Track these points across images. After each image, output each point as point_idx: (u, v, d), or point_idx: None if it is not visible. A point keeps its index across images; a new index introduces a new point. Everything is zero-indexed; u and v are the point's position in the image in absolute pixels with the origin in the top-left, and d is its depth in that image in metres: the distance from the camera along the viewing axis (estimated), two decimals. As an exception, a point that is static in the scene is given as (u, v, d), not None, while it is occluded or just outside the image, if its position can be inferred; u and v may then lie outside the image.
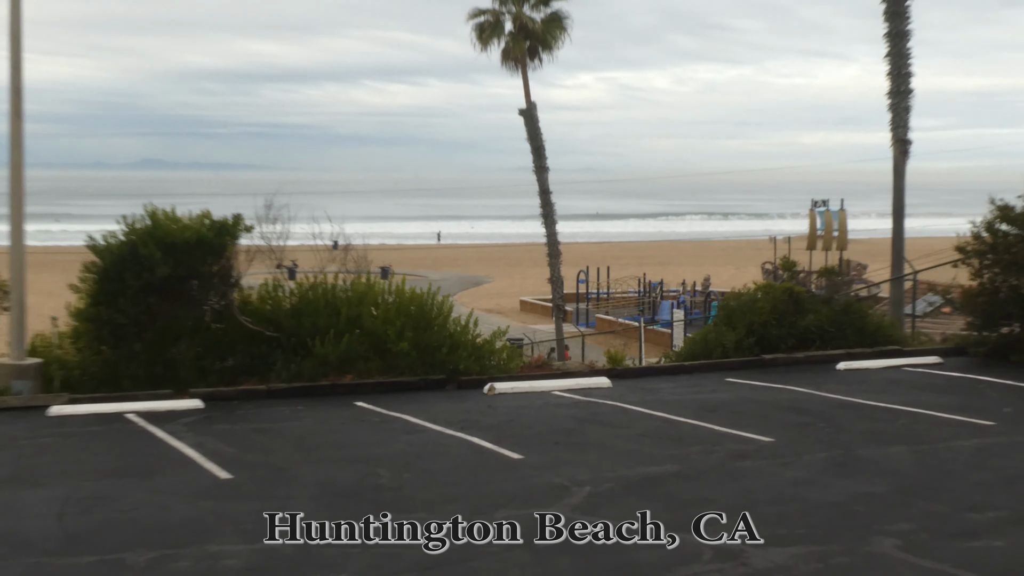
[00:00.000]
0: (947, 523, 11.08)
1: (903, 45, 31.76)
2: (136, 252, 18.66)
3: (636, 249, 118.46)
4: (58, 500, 12.15)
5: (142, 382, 18.68)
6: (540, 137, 46.32)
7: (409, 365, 19.79)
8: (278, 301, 20.27)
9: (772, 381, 19.99)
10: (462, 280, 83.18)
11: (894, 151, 32.21)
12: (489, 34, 45.89)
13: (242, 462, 13.98)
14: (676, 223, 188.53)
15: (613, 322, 60.19)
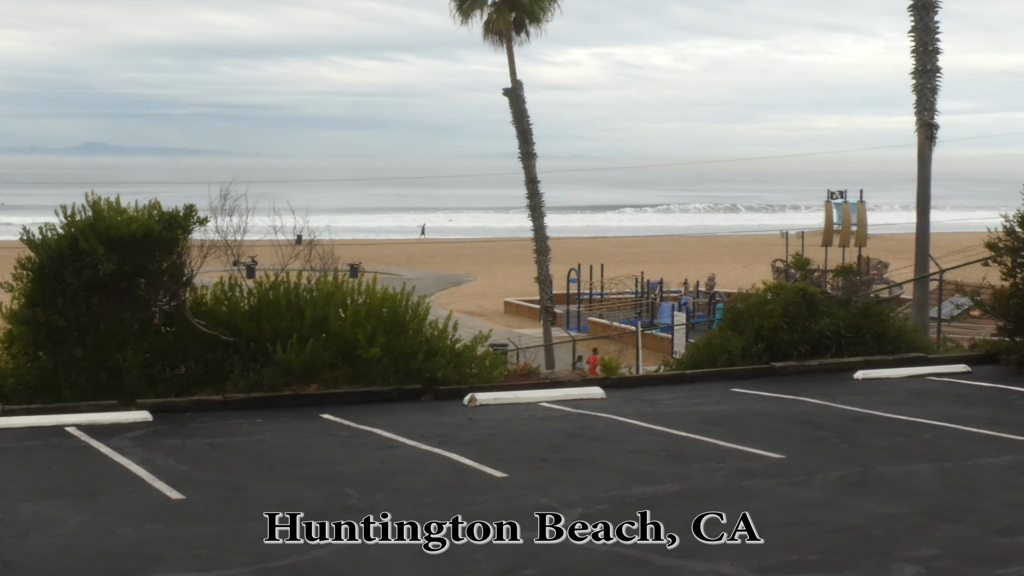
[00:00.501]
0: (974, 548, 11.12)
1: (929, 18, 31.85)
2: (77, 247, 18.60)
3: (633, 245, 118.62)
4: (-10, 523, 12.17)
5: (84, 392, 18.64)
6: (527, 120, 46.35)
7: (381, 373, 19.79)
8: (235, 302, 20.26)
9: (783, 392, 20.01)
10: (440, 279, 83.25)
11: (919, 136, 32.31)
12: (471, 4, 45.93)
13: (195, 481, 13.95)
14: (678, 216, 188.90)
15: (607, 326, 60.24)
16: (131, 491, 13.58)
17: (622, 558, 10.86)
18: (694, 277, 72.99)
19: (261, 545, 11.33)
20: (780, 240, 71.21)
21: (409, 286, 21.60)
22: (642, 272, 70.63)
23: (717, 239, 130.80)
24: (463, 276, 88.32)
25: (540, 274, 47.40)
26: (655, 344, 53.31)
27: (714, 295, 60.86)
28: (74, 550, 11.25)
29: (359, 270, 46.80)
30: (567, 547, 11.24)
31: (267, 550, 11.16)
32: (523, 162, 46.55)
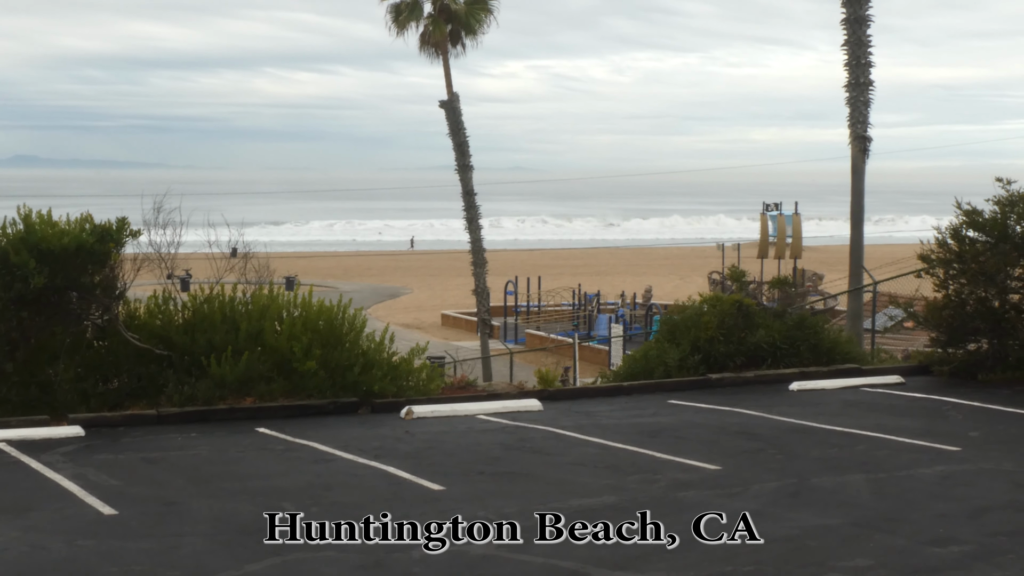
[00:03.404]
0: (907, 558, 11.23)
1: (862, 32, 32.07)
2: (7, 260, 18.44)
3: (570, 257, 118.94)
4: (-82, 540, 12.03)
5: (14, 407, 18.49)
6: (463, 132, 46.38)
7: (317, 386, 19.73)
8: (169, 315, 20.16)
9: (719, 403, 20.13)
10: (377, 291, 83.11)
11: (853, 149, 32.53)
12: (406, 16, 45.88)
13: (128, 496, 13.86)
14: (615, 228, 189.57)
15: (545, 338, 60.35)
16: (63, 507, 13.44)
17: (559, 571, 10.89)
18: (631, 289, 73.24)
19: (195, 561, 11.28)
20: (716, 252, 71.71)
21: (346, 299, 21.57)
22: (579, 284, 70.80)
23: (654, 251, 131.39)
24: (400, 288, 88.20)
25: (477, 286, 47.41)
26: (592, 356, 53.47)
27: (651, 307, 61.10)
28: (3, 567, 11.13)
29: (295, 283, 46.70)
30: (506, 560, 11.26)
31: (202, 565, 11.11)
32: (460, 174, 46.55)
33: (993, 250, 22.23)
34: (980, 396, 20.51)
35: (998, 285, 22.37)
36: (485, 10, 46.30)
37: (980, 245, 22.39)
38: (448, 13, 45.78)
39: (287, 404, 19.35)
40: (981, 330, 22.53)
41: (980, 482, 14.37)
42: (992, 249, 22.24)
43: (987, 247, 22.30)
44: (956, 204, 22.85)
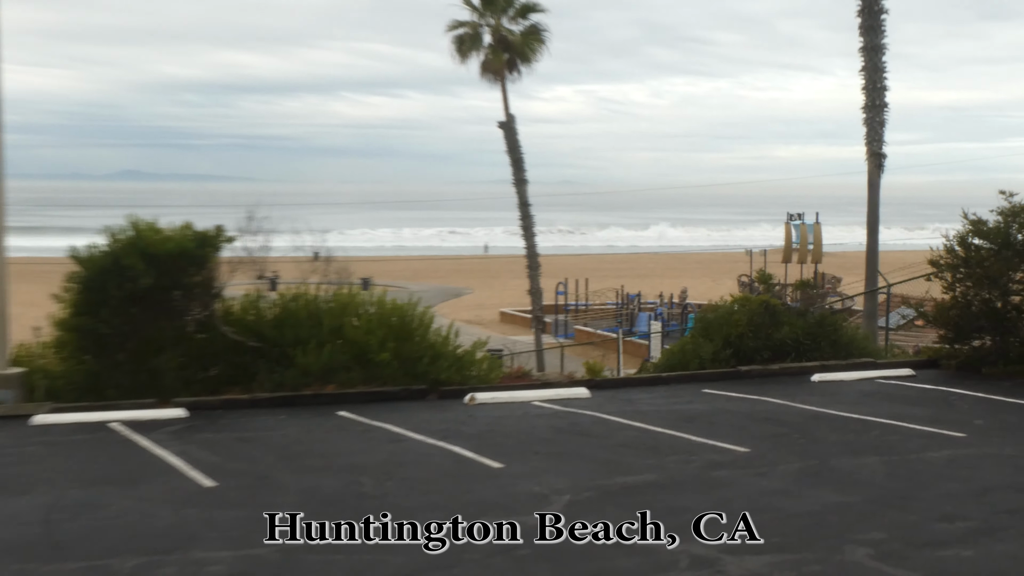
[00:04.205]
0: (918, 533, 11.20)
1: (878, 59, 31.96)
2: (119, 262, 18.68)
3: (614, 261, 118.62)
4: (43, 507, 12.19)
5: (126, 391, 18.69)
6: (519, 150, 46.39)
7: (391, 375, 19.84)
8: (260, 312, 20.31)
9: (748, 392, 20.10)
10: (442, 291, 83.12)
11: (869, 165, 32.40)
12: (468, 46, 45.95)
13: (226, 470, 14.01)
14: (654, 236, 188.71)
15: (592, 333, 60.24)
16: (169, 479, 13.64)
17: (620, 545, 10.91)
18: (668, 290, 72.94)
19: (285, 528, 11.41)
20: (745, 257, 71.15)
21: (415, 298, 21.66)
22: (622, 286, 70.63)
23: (688, 256, 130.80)
24: (463, 289, 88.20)
25: (532, 287, 47.40)
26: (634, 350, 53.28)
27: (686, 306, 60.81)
28: (118, 532, 11.30)
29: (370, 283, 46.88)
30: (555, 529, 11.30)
31: (290, 532, 11.23)
32: (516, 188, 46.56)
33: (996, 256, 22.13)
34: (984, 388, 20.39)
35: (1001, 288, 22.26)
36: (538, 40, 46.28)
37: (985, 251, 22.29)
38: (506, 43, 45.81)
39: (365, 391, 19.44)
40: (985, 328, 22.42)
41: (984, 465, 14.29)
42: (996, 255, 22.14)
43: (991, 253, 22.20)
44: (963, 214, 22.74)
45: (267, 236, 20.71)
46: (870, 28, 31.80)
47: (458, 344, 21.14)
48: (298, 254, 23.10)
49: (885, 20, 32.03)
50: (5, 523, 11.61)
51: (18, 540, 11.01)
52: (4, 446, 15.70)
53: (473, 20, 46.02)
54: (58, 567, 10.15)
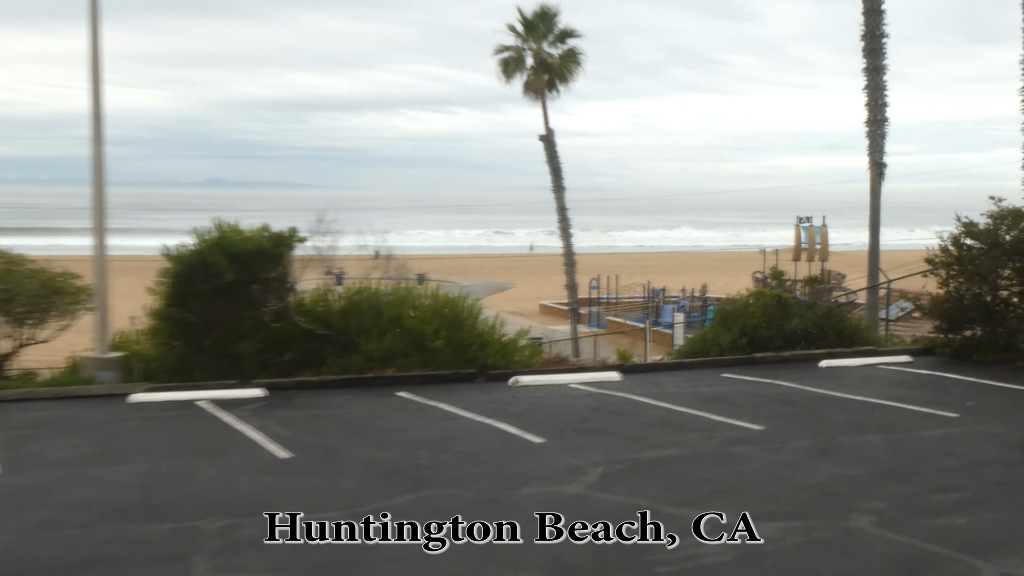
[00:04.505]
0: (916, 503, 11.13)
1: (880, 78, 31.71)
2: (205, 260, 18.82)
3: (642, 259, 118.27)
4: (140, 475, 12.33)
5: (211, 373, 18.86)
6: (557, 160, 46.37)
7: (444, 360, 19.88)
8: (329, 304, 20.41)
9: (762, 376, 20.01)
10: (488, 286, 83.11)
11: (871, 173, 32.16)
12: (512, 68, 45.96)
13: (299, 443, 14.11)
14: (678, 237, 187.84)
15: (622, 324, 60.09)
16: (249, 451, 13.74)
17: (635, 507, 10.91)
18: (690, 285, 72.68)
19: (351, 494, 11.46)
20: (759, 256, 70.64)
21: (464, 291, 21.71)
22: (649, 281, 70.42)
23: (708, 255, 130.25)
24: (506, 284, 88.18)
25: (568, 282, 47.41)
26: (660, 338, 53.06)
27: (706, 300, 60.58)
28: (206, 496, 11.41)
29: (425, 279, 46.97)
30: (593, 498, 11.30)
31: (357, 498, 11.27)
32: (555, 194, 46.55)
33: (987, 255, 21.98)
34: (975, 373, 20.22)
35: (990, 283, 22.09)
36: (575, 63, 46.21)
37: (976, 251, 22.14)
38: (546, 65, 45.77)
39: (421, 374, 19.49)
40: (976, 320, 22.25)
41: (975, 442, 14.16)
42: (986, 254, 21.99)
43: (982, 252, 22.05)
44: (956, 217, 22.65)
45: (334, 237, 20.84)
46: (872, 51, 31.53)
47: (503, 333, 21.17)
48: (361, 252, 23.22)
49: (886, 43, 31.78)
50: (108, 488, 11.74)
51: (119, 503, 11.13)
52: (106, 421, 15.89)
53: (517, 45, 46.04)
54: (154, 527, 10.26)
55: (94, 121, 19.34)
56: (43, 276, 20.29)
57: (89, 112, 19.34)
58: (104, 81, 19.45)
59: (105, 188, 19.54)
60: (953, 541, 9.82)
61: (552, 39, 46.05)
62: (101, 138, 19.45)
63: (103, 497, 11.37)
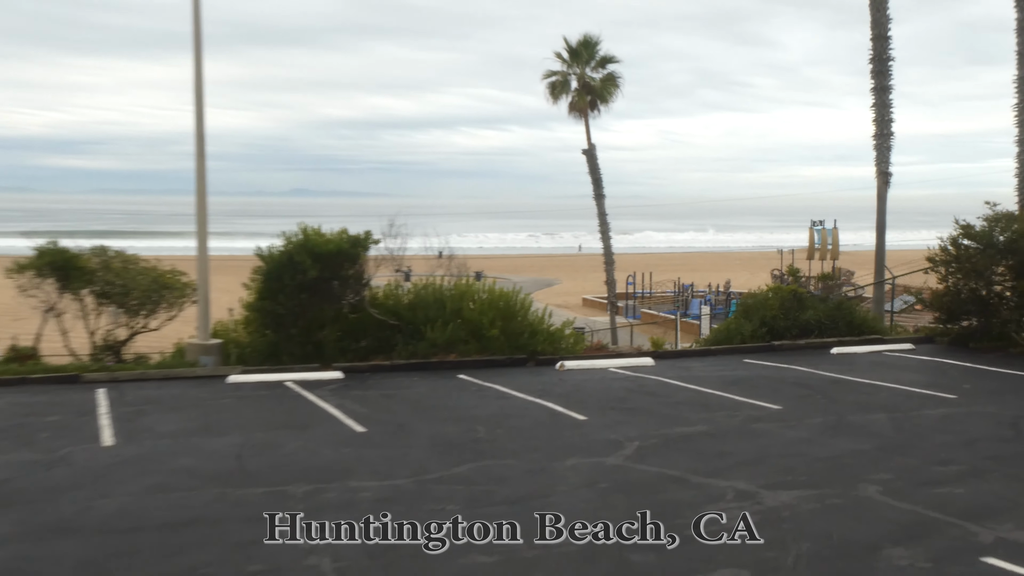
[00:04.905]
0: (918, 474, 11.00)
1: (886, 97, 31.25)
2: (292, 259, 18.96)
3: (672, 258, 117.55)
4: (236, 445, 12.46)
5: (297, 358, 18.98)
6: (598, 171, 46.15)
7: (499, 347, 19.89)
8: (398, 297, 20.47)
9: (780, 362, 19.85)
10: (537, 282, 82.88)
11: (878, 181, 31.69)
12: (559, 90, 45.77)
13: (373, 419, 14.19)
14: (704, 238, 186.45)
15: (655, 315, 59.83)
16: (329, 426, 13.83)
17: (667, 477, 10.88)
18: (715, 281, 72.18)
19: (419, 464, 11.51)
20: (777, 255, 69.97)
21: (516, 287, 21.71)
22: (679, 277, 70.02)
23: (731, 254, 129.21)
24: (553, 280, 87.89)
25: (607, 279, 47.23)
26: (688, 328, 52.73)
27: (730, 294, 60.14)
28: (293, 464, 11.51)
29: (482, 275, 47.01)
30: (630, 468, 11.27)
31: (423, 467, 11.32)
32: (596, 201, 46.34)
33: (982, 254, 21.75)
34: (971, 359, 19.98)
35: (985, 279, 21.89)
36: (614, 85, 45.93)
37: (972, 250, 21.92)
38: (588, 88, 45.56)
39: (478, 359, 19.51)
40: (972, 311, 22.03)
41: (971, 421, 13.98)
42: (981, 253, 21.77)
43: (977, 251, 21.84)
44: (955, 221, 22.45)
45: (403, 239, 20.87)
46: (879, 72, 31.09)
47: (550, 323, 21.15)
48: (426, 253, 23.26)
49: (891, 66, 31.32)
50: (208, 457, 11.89)
51: (218, 470, 11.27)
52: (207, 399, 16.06)
53: (563, 70, 45.84)
54: (248, 491, 10.38)
55: (197, 139, 19.53)
56: (154, 273, 20.54)
57: (193, 131, 19.53)
58: (206, 104, 19.65)
59: (206, 197, 19.73)
60: (952, 508, 9.70)
61: (594, 65, 45.83)
62: (203, 153, 19.64)
63: (205, 465, 11.51)
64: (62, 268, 19.54)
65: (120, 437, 13.06)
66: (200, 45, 19.37)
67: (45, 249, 19.68)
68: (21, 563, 8.29)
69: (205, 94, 19.60)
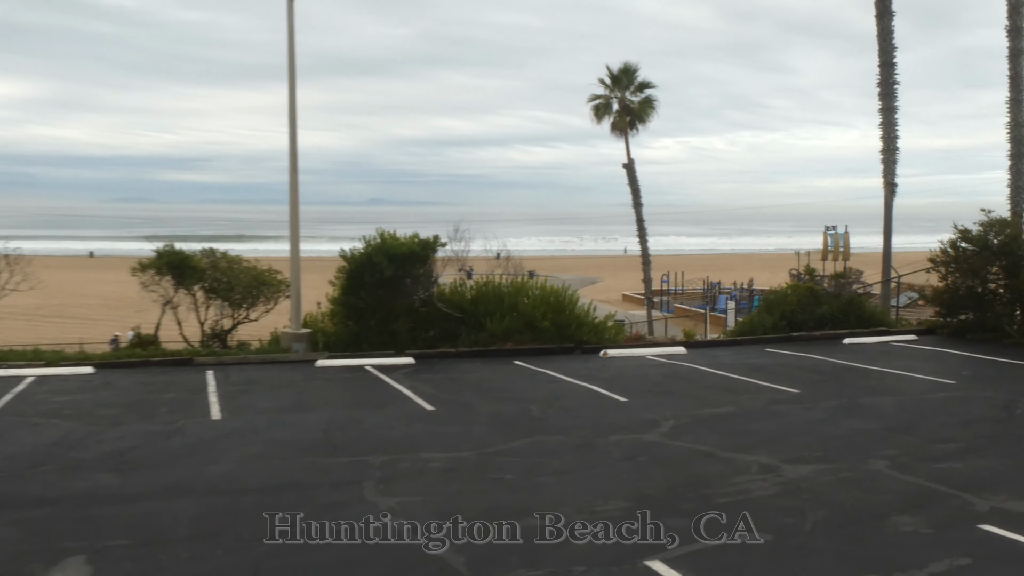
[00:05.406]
0: (921, 451, 10.81)
1: (892, 117, 30.64)
2: (371, 260, 19.07)
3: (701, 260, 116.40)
4: (323, 421, 12.57)
5: (374, 345, 19.07)
6: (636, 182, 45.86)
7: (549, 337, 19.82)
8: (462, 293, 20.49)
9: (798, 351, 19.58)
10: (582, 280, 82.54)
11: (885, 191, 31.12)
12: (602, 112, 45.52)
13: (440, 399, 14.24)
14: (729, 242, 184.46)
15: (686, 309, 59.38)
16: (402, 405, 13.89)
17: (698, 452, 10.79)
18: (740, 279, 71.48)
19: (480, 439, 11.54)
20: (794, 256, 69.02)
21: (565, 284, 21.67)
22: (707, 276, 69.46)
23: (753, 256, 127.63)
24: (596, 278, 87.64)
25: (644, 277, 46.91)
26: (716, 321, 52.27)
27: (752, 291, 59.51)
28: (372, 438, 11.60)
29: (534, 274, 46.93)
30: (665, 444, 11.20)
31: (484, 441, 11.35)
32: (634, 209, 46.03)
33: (978, 255, 21.33)
34: (968, 348, 19.56)
35: (981, 278, 21.47)
36: (651, 107, 45.57)
37: (969, 252, 21.51)
38: (628, 109, 45.26)
39: (532, 347, 19.47)
40: (969, 306, 21.60)
41: (969, 404, 13.69)
42: (977, 255, 21.35)
43: (974, 253, 21.42)
44: (953, 226, 22.05)
45: (466, 242, 20.89)
46: (886, 95, 30.50)
47: (595, 316, 21.06)
48: (486, 254, 23.28)
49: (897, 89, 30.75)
50: (300, 431, 12.01)
51: (308, 442, 11.39)
52: (299, 380, 16.22)
53: (605, 94, 45.58)
54: (334, 460, 10.48)
55: (291, 156, 19.75)
56: (253, 272, 20.79)
57: (287, 149, 19.76)
58: (298, 126, 19.88)
59: (298, 206, 19.95)
60: (951, 481, 9.51)
61: (633, 89, 45.51)
62: (296, 168, 19.85)
63: (297, 437, 11.63)
64: (177, 267, 19.88)
65: (226, 412, 13.26)
66: (294, 75, 19.58)
67: (163, 251, 20.02)
68: (149, 518, 8.46)
69: (298, 117, 19.83)
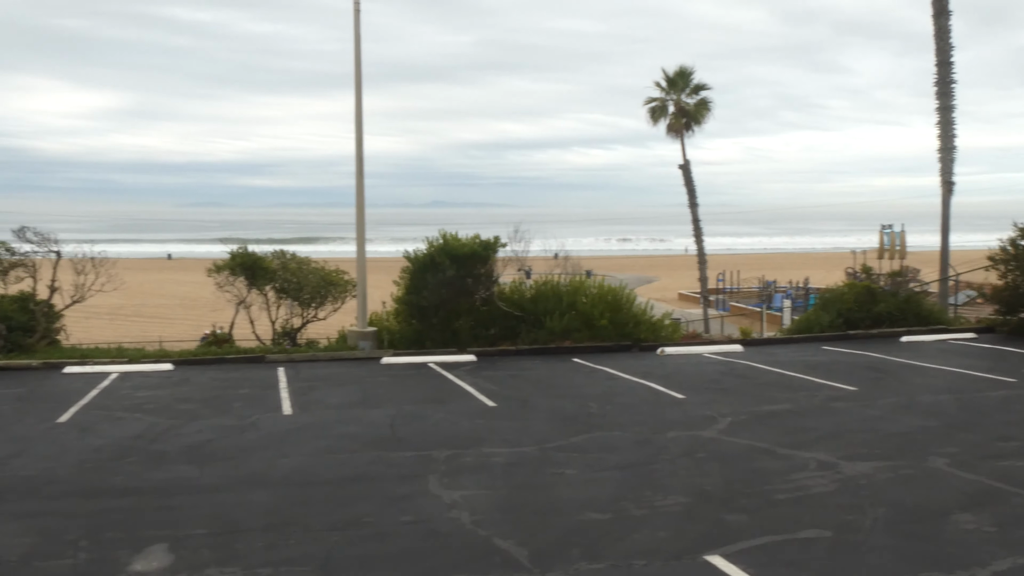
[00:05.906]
0: (982, 449, 10.50)
1: (949, 116, 29.91)
2: (434, 260, 19.18)
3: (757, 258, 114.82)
4: (389, 416, 12.67)
5: (437, 343, 19.17)
6: (692, 183, 45.40)
7: (607, 335, 19.72)
8: (522, 292, 20.47)
9: (855, 349, 19.20)
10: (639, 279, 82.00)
11: (942, 190, 30.36)
12: (658, 114, 45.15)
13: (501, 395, 14.25)
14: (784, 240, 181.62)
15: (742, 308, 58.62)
16: (465, 400, 13.94)
17: (756, 448, 10.64)
18: (795, 278, 70.30)
19: (541, 434, 11.52)
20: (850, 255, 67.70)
21: (622, 283, 21.53)
22: (763, 275, 68.53)
23: (809, 255, 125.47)
24: (653, 277, 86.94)
25: (700, 276, 46.42)
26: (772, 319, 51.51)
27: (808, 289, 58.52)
28: (436, 433, 11.66)
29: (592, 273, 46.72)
30: (723, 440, 11.07)
31: (544, 436, 11.32)
32: (690, 209, 45.56)
33: (1040, 253, 20.63)
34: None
35: (1043, 276, 20.74)
36: (706, 108, 45.09)
37: (1030, 250, 20.82)
38: (683, 111, 44.84)
39: (590, 345, 19.40)
40: (1030, 305, 20.93)
41: (1031, 402, 13.28)
42: (1039, 253, 20.64)
43: (1035, 251, 20.71)
44: (1013, 224, 21.44)
45: (525, 243, 20.90)
46: (943, 94, 29.75)
47: (652, 314, 20.90)
48: (545, 254, 23.25)
49: (954, 88, 29.96)
50: (367, 425, 12.12)
51: (375, 436, 11.49)
52: (365, 377, 16.38)
53: (661, 96, 45.20)
54: (400, 454, 10.56)
55: (357, 160, 19.95)
56: (321, 272, 21.07)
57: (353, 154, 19.97)
58: (364, 131, 20.08)
59: (364, 209, 20.15)
60: (1014, 479, 9.23)
61: (688, 91, 45.05)
62: (362, 172, 20.05)
63: (364, 431, 11.73)
64: (250, 268, 20.22)
65: (296, 407, 13.43)
66: (360, 83, 19.78)
67: (237, 253, 20.39)
68: (225, 508, 8.61)
69: (363, 123, 20.03)
